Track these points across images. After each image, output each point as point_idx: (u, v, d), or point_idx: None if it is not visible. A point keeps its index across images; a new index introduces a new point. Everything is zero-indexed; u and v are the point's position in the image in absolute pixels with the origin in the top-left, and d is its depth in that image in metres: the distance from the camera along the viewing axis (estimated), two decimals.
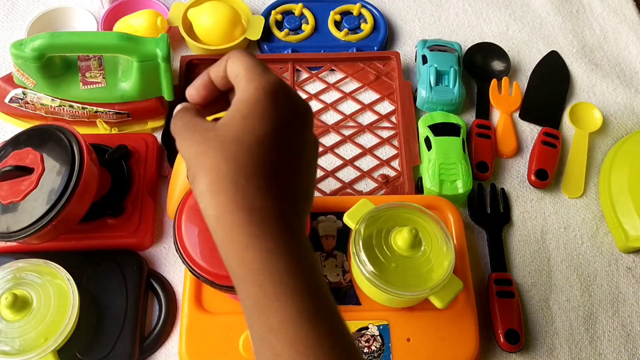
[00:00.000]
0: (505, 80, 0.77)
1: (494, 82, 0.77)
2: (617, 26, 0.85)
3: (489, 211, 0.69)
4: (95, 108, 0.69)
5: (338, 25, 0.83)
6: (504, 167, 0.73)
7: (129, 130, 0.72)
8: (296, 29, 0.82)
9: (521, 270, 0.65)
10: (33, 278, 0.57)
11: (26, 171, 0.57)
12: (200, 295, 0.59)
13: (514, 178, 0.72)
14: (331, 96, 0.77)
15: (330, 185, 0.70)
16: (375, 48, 0.80)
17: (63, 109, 0.69)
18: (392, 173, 0.71)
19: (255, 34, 0.78)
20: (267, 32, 0.81)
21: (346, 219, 0.58)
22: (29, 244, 0.59)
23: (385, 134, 0.74)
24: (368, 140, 0.74)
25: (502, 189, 0.70)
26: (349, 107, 0.76)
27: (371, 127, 0.74)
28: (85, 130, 0.70)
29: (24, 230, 0.55)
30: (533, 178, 0.70)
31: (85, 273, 0.60)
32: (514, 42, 0.83)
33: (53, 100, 0.68)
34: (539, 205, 0.70)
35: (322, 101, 0.76)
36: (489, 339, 0.61)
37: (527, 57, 0.82)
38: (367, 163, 0.72)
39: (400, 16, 0.86)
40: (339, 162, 0.72)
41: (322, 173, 0.71)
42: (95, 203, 0.60)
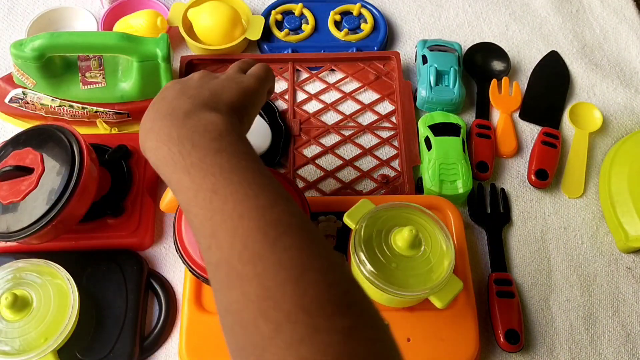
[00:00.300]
0: (505, 80, 0.77)
1: (494, 82, 0.77)
2: (617, 26, 0.85)
3: (489, 211, 0.69)
4: (95, 108, 0.69)
5: (338, 25, 0.83)
6: (504, 167, 0.73)
7: (129, 130, 0.72)
8: (296, 29, 0.82)
9: (521, 270, 0.65)
10: (33, 278, 0.57)
11: (26, 171, 0.57)
12: (200, 295, 0.59)
13: (514, 178, 0.72)
14: (331, 96, 0.77)
15: (330, 185, 0.70)
16: (375, 48, 0.80)
17: (63, 109, 0.69)
18: (392, 173, 0.71)
19: (255, 34, 0.78)
20: (267, 32, 0.81)
21: (346, 219, 0.58)
22: (29, 244, 0.59)
23: (385, 134, 0.74)
24: (368, 140, 0.74)
25: (502, 189, 0.70)
26: (349, 107, 0.76)
27: (371, 127, 0.74)
28: (85, 130, 0.70)
29: (24, 230, 0.55)
30: (533, 178, 0.70)
31: (85, 273, 0.60)
32: (514, 42, 0.83)
33: (53, 100, 0.68)
34: (539, 205, 0.70)
35: (322, 101, 0.76)
36: (489, 339, 0.61)
37: (527, 57, 0.82)
38: (367, 163, 0.72)
39: (400, 16, 0.86)
40: (339, 162, 0.72)
41: (322, 173, 0.71)
42: (95, 203, 0.60)
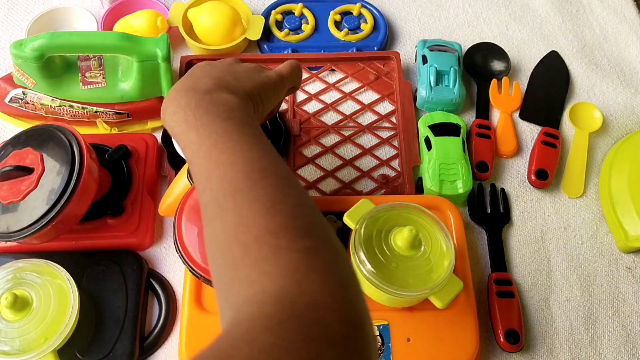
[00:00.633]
0: (505, 80, 0.77)
1: (494, 82, 0.77)
2: (617, 26, 0.85)
3: (489, 211, 0.69)
4: (95, 108, 0.69)
5: (338, 25, 0.83)
6: (504, 167, 0.73)
7: (129, 130, 0.72)
8: (296, 29, 0.82)
9: (521, 270, 0.65)
10: (33, 278, 0.57)
11: (26, 171, 0.57)
12: (200, 295, 0.59)
13: (514, 178, 0.72)
14: (331, 96, 0.77)
15: (330, 185, 0.70)
16: (375, 48, 0.80)
17: (63, 109, 0.69)
18: (392, 173, 0.71)
19: (255, 34, 0.78)
20: (267, 32, 0.81)
21: (346, 219, 0.58)
22: (29, 244, 0.59)
23: (385, 134, 0.74)
24: (368, 140, 0.74)
25: (502, 189, 0.70)
26: (349, 107, 0.76)
27: (371, 127, 0.74)
28: (85, 130, 0.70)
29: (24, 230, 0.55)
30: (533, 178, 0.70)
31: (85, 273, 0.60)
32: (514, 42, 0.83)
33: (53, 100, 0.68)
34: (539, 205, 0.70)
35: (322, 101, 0.76)
36: (489, 339, 0.61)
37: (527, 57, 0.82)
38: (367, 163, 0.72)
39: (400, 16, 0.86)
40: (339, 162, 0.71)
41: (322, 173, 0.71)
42: (95, 203, 0.60)
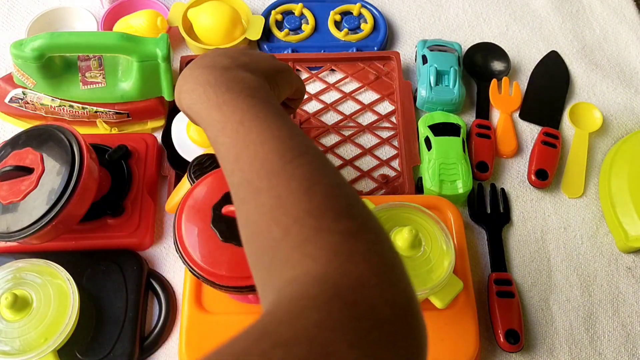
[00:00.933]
0: (505, 80, 0.77)
1: (494, 82, 0.77)
2: (617, 26, 0.85)
3: (489, 211, 0.69)
4: (95, 108, 0.69)
5: (338, 25, 0.83)
6: (504, 167, 0.73)
7: (129, 130, 0.72)
8: (296, 29, 0.82)
9: (521, 270, 0.65)
10: (33, 278, 0.57)
11: (26, 171, 0.57)
12: (200, 295, 0.59)
13: (514, 178, 0.72)
14: (331, 96, 0.77)
15: None
16: (375, 48, 0.80)
17: (63, 109, 0.69)
18: (392, 173, 0.71)
19: (255, 34, 0.78)
20: (267, 32, 0.81)
21: None
22: (29, 244, 0.59)
23: (385, 134, 0.74)
24: (368, 140, 0.74)
25: (502, 189, 0.70)
26: (349, 108, 0.76)
27: (371, 127, 0.74)
28: (85, 130, 0.70)
29: (24, 230, 0.55)
30: (533, 178, 0.70)
31: (85, 273, 0.60)
32: (514, 42, 0.83)
33: (53, 100, 0.68)
34: (539, 205, 0.70)
35: (322, 101, 0.76)
36: (489, 339, 0.61)
37: (527, 57, 0.82)
38: (367, 163, 0.72)
39: (400, 16, 0.86)
40: (339, 162, 0.71)
41: None
42: (95, 203, 0.60)
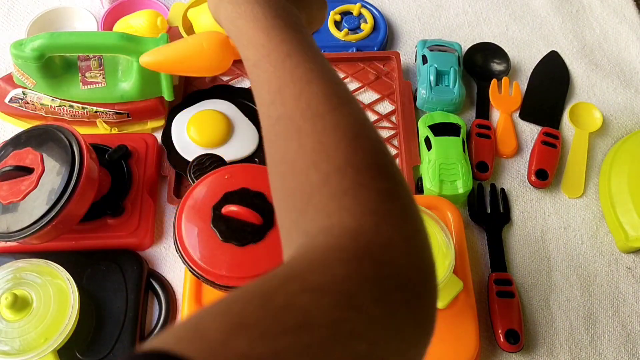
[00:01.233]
0: (505, 80, 0.77)
1: (494, 82, 0.77)
2: (617, 26, 0.85)
3: (489, 211, 0.69)
4: (95, 108, 0.69)
5: (338, 25, 0.83)
6: (504, 167, 0.72)
7: (129, 130, 0.72)
8: None
9: (521, 270, 0.65)
10: (33, 278, 0.57)
11: (26, 171, 0.57)
12: (200, 295, 0.59)
13: (514, 178, 0.72)
14: None
15: None
16: (375, 48, 0.80)
17: (63, 109, 0.69)
18: None
19: None
20: None
21: None
22: (29, 244, 0.59)
23: (385, 134, 0.74)
24: None
25: (502, 189, 0.70)
26: None
27: None
28: (85, 130, 0.70)
29: (24, 230, 0.55)
30: (533, 178, 0.70)
31: (85, 273, 0.60)
32: (514, 42, 0.83)
33: (53, 100, 0.68)
34: (539, 205, 0.70)
35: None
36: (489, 339, 0.61)
37: (527, 57, 0.82)
38: None
39: (400, 16, 0.86)
40: None
41: None
42: (95, 203, 0.60)
